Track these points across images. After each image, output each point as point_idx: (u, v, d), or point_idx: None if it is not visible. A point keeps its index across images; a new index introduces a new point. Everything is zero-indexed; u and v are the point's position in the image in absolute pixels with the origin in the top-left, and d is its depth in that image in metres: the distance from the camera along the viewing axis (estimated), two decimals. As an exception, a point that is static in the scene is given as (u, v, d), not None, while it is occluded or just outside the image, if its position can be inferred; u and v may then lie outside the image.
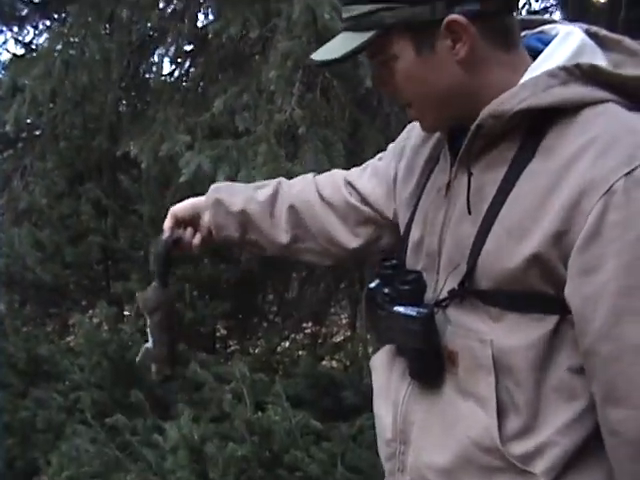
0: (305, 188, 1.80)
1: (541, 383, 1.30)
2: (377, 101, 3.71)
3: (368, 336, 4.97)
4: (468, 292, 1.34)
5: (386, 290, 1.39)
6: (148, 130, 4.10)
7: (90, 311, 5.10)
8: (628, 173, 1.20)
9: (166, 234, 1.80)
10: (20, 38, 6.15)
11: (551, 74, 1.28)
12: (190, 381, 4.29)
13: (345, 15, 1.36)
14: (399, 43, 1.32)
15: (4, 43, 6.04)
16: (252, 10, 3.76)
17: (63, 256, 4.99)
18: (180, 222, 1.81)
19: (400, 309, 1.36)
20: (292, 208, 1.77)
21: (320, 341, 5.48)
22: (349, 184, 1.76)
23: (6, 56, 6.14)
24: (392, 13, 1.28)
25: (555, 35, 1.38)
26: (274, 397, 3.99)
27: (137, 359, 1.92)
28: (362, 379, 4.41)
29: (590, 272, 1.22)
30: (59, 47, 4.31)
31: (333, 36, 1.40)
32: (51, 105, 4.60)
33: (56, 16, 6.06)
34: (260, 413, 3.87)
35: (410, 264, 1.49)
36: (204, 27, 4.26)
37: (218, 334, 5.27)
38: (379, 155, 1.80)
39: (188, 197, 1.86)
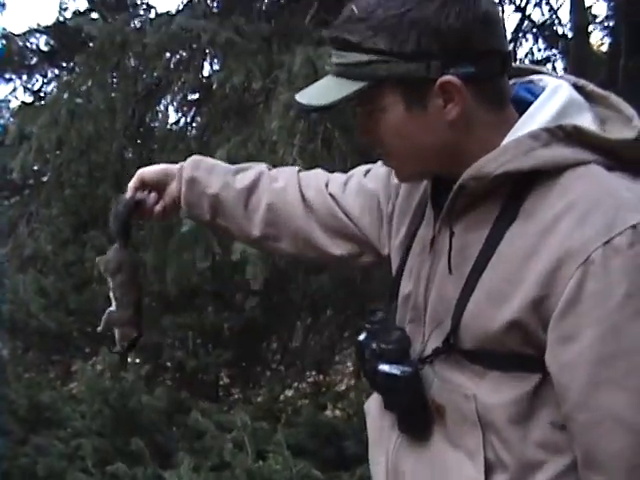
0: (287, 186, 1.72)
1: (525, 439, 1.29)
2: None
3: (371, 385, 4.96)
4: (452, 350, 1.34)
5: (373, 345, 1.39)
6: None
7: (93, 358, 5.09)
8: (607, 242, 1.19)
9: (129, 194, 1.73)
10: (29, 86, 6.25)
11: (533, 136, 1.27)
12: (191, 429, 4.28)
13: (336, 60, 1.32)
14: (390, 97, 1.29)
15: (13, 91, 6.13)
16: (255, 61, 3.82)
17: (67, 303, 5.01)
18: (146, 185, 1.74)
19: (385, 367, 1.35)
20: (270, 206, 1.70)
21: (323, 390, 5.45)
22: (331, 197, 1.69)
23: (15, 103, 6.25)
24: (387, 66, 1.26)
25: (543, 87, 1.37)
26: (275, 446, 3.97)
27: (100, 326, 1.81)
28: (364, 429, 4.39)
29: (568, 340, 1.22)
30: (65, 96, 4.37)
31: None
32: (57, 153, 4.65)
33: (64, 65, 6.17)
34: (261, 462, 3.84)
35: (400, 315, 1.48)
36: (208, 77, 4.31)
37: (221, 382, 5.26)
38: (364, 168, 1.72)
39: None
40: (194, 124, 4.88)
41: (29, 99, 6.21)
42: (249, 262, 3.56)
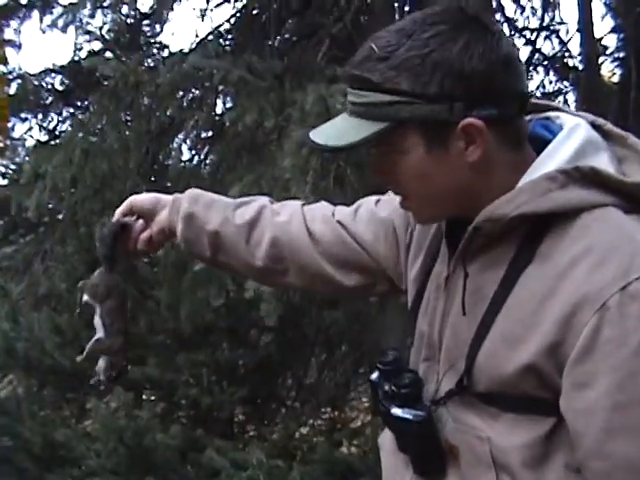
0: (292, 220, 1.66)
1: None
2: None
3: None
4: (465, 392, 1.33)
5: (386, 387, 1.38)
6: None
7: (107, 396, 5.08)
8: (623, 288, 1.18)
9: (115, 218, 1.70)
10: (44, 125, 6.30)
11: (550, 177, 1.26)
12: (206, 468, 4.26)
13: (354, 99, 1.29)
14: (411, 138, 1.27)
15: (29, 130, 6.18)
16: (267, 99, 3.85)
17: (81, 341, 5.00)
18: (135, 212, 1.70)
19: (397, 412, 1.35)
20: (274, 240, 1.64)
21: (338, 426, 5.42)
22: (341, 225, 1.64)
23: (31, 142, 6.31)
24: (410, 108, 1.24)
25: (560, 125, 1.36)
26: (291, 484, 3.96)
27: (83, 354, 1.74)
28: (380, 465, 4.35)
29: (583, 387, 1.21)
30: (80, 135, 4.41)
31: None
32: (72, 191, 4.68)
33: (79, 104, 6.22)
34: (276, 501, 3.82)
35: (415, 351, 1.47)
36: (221, 115, 4.34)
37: (236, 419, 5.23)
38: (373, 198, 1.67)
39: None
40: (207, 162, 4.91)
41: (44, 138, 6.27)
42: (263, 299, 3.56)
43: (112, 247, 1.71)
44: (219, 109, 4.67)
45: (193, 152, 5.02)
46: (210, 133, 4.86)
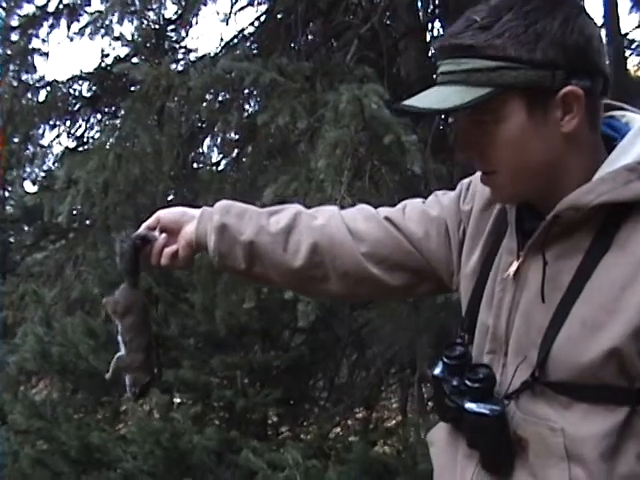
0: (330, 222, 1.62)
1: (612, 472, 1.28)
2: (424, 185, 3.75)
3: (420, 421, 4.93)
4: (537, 383, 1.33)
5: (454, 382, 1.38)
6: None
7: (142, 399, 5.11)
8: None
9: (138, 231, 1.63)
10: (72, 131, 6.34)
11: (630, 169, 1.30)
12: (243, 469, 4.28)
13: (453, 68, 1.30)
14: (512, 105, 1.28)
15: (58, 137, 6.22)
16: (299, 100, 3.85)
17: (115, 345, 5.03)
18: (161, 226, 1.64)
19: (472, 406, 1.34)
20: (314, 245, 1.59)
21: (372, 426, 5.43)
22: (389, 222, 1.61)
23: (58, 149, 6.35)
24: (515, 73, 1.26)
25: (625, 122, 1.40)
26: (328, 484, 3.97)
27: (108, 374, 1.71)
28: (415, 464, 4.36)
29: None
30: (112, 140, 4.44)
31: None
32: (103, 196, 4.70)
33: (106, 110, 6.27)
34: (314, 501, 3.83)
35: (477, 345, 1.47)
36: (253, 117, 4.35)
37: (269, 421, 5.25)
38: (418, 199, 1.67)
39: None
40: (239, 164, 4.92)
41: (72, 144, 6.32)
42: (300, 299, 3.57)
43: (133, 262, 1.66)
44: (250, 111, 4.68)
45: (224, 155, 5.04)
46: (241, 136, 4.87)
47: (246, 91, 4.54)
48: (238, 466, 4.28)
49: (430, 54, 5.36)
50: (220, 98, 4.58)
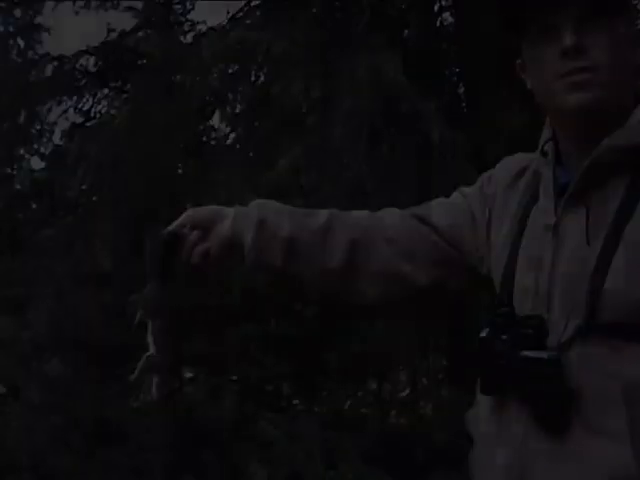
0: (362, 222, 1.62)
1: None
2: (442, 155, 3.72)
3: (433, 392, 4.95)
4: (592, 329, 1.32)
5: (504, 337, 1.37)
6: (211, 192, 4.15)
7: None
8: None
9: (170, 228, 1.56)
10: (79, 106, 6.30)
11: None
12: (260, 440, 4.28)
13: None
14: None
15: (65, 112, 6.18)
16: (313, 70, 3.83)
17: (126, 317, 5.03)
18: (195, 223, 1.57)
19: (529, 353, 1.33)
20: (352, 242, 1.57)
21: (385, 398, 5.44)
22: (418, 219, 1.61)
23: (65, 125, 6.32)
24: None
25: None
26: (345, 454, 3.97)
27: (135, 373, 1.60)
28: (430, 434, 4.37)
29: None
30: (123, 114, 4.42)
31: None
32: (114, 170, 4.68)
33: (113, 84, 6.23)
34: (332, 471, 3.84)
35: (518, 307, 1.44)
36: (266, 87, 4.32)
37: (284, 393, 5.26)
38: (439, 200, 1.66)
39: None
40: (251, 136, 4.89)
41: (79, 120, 6.28)
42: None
43: (164, 260, 1.56)
44: (262, 81, 4.63)
45: (237, 126, 5.00)
46: (255, 106, 4.83)
47: (260, 61, 4.50)
48: (255, 437, 4.28)
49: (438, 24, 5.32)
50: (231, 71, 4.55)
